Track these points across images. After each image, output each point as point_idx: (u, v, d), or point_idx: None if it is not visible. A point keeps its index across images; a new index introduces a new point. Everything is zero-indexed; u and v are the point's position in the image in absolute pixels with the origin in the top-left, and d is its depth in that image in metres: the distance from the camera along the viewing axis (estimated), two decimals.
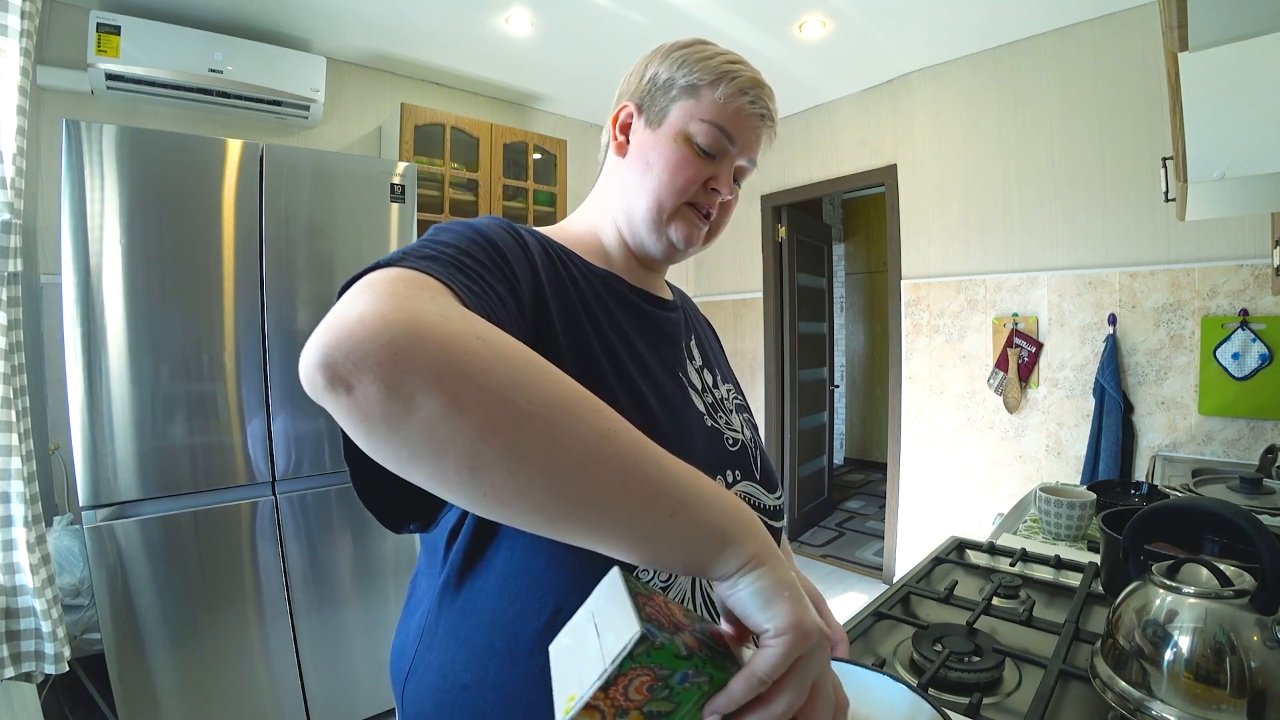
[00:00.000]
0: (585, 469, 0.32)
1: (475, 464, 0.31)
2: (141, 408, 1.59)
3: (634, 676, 0.31)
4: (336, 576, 1.92)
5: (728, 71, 0.61)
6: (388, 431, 0.31)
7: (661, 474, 0.35)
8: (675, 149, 0.61)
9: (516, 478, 0.32)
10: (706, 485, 0.37)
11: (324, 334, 0.31)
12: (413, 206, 2.07)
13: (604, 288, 0.61)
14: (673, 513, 0.34)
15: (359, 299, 0.33)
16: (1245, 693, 0.52)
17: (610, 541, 0.34)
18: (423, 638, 0.56)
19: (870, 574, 3.20)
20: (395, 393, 0.30)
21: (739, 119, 0.61)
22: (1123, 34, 2.22)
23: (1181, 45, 0.85)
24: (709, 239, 0.66)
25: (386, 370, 0.30)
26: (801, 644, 0.33)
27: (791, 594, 0.35)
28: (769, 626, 0.34)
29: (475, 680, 0.51)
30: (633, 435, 0.35)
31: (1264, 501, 1.15)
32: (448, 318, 0.33)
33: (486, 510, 0.34)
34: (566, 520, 0.34)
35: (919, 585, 1.00)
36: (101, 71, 1.97)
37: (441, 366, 0.31)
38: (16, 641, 1.38)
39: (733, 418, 0.67)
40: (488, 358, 0.32)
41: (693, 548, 0.35)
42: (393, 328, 0.31)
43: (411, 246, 0.44)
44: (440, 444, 0.31)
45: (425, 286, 0.36)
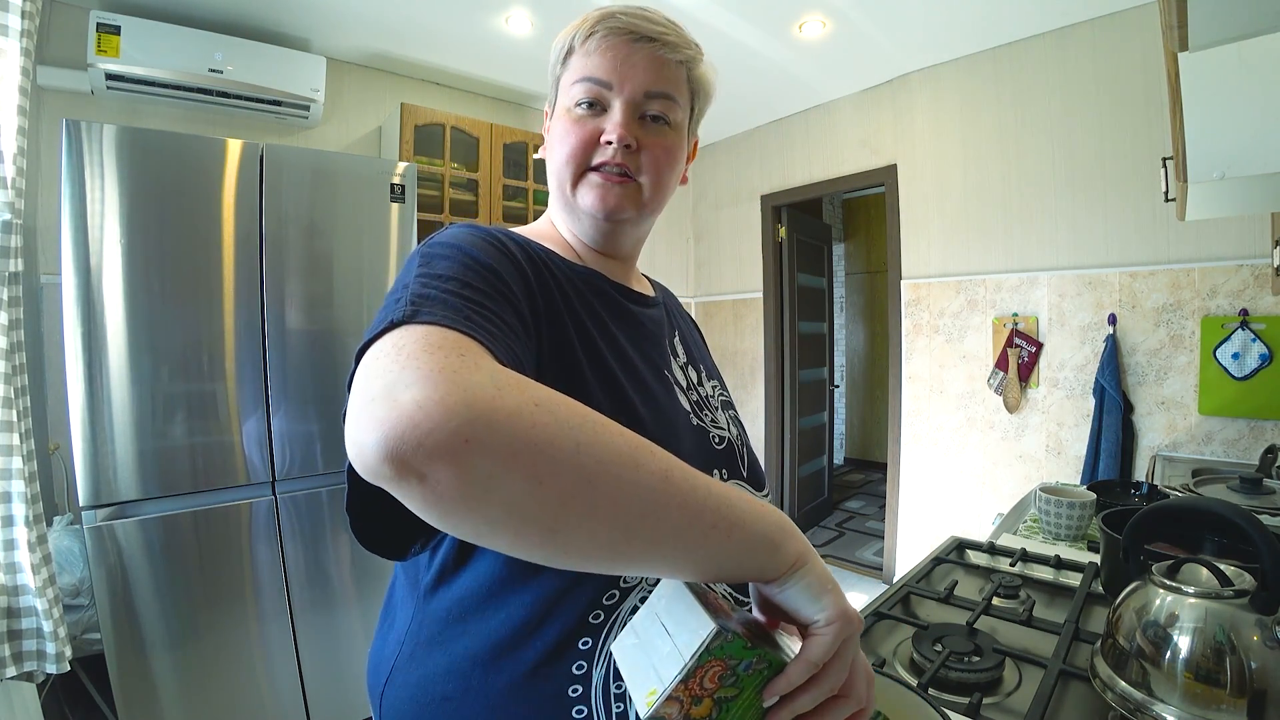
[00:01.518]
0: (654, 513, 0.34)
1: (556, 528, 0.33)
2: (141, 408, 1.59)
3: (709, 668, 0.35)
4: (336, 576, 1.92)
5: (583, 21, 0.58)
6: (466, 512, 0.32)
7: (714, 501, 0.37)
8: (560, 123, 0.59)
9: (595, 535, 0.33)
10: (750, 501, 0.39)
11: (382, 424, 0.30)
12: (413, 206, 2.07)
13: (585, 286, 0.59)
14: (729, 534, 0.37)
15: (405, 380, 0.32)
16: (1245, 693, 0.52)
17: (676, 568, 0.37)
18: (402, 648, 0.55)
19: (870, 574, 3.20)
20: (472, 477, 0.30)
21: (601, 58, 0.57)
22: (1123, 34, 2.22)
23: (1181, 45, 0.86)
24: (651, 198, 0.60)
25: (461, 458, 0.30)
26: (846, 629, 0.38)
27: (834, 587, 0.39)
28: (819, 617, 0.38)
29: (458, 691, 0.50)
30: (684, 470, 0.37)
31: (1264, 501, 1.15)
32: (502, 389, 0.33)
33: (560, 564, 0.35)
34: (637, 560, 0.36)
35: (919, 585, 1.00)
36: (101, 71, 1.97)
37: (515, 445, 0.31)
38: (18, 641, 1.38)
39: (719, 415, 0.66)
40: (551, 425, 0.32)
41: (749, 560, 0.38)
42: (457, 415, 0.30)
43: (415, 287, 0.42)
44: (522, 517, 0.32)
45: (462, 350, 0.36)
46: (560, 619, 0.49)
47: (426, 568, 0.54)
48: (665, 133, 0.59)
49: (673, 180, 0.62)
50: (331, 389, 1.88)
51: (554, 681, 0.49)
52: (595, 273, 0.61)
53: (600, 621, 0.50)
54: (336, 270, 1.91)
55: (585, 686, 0.49)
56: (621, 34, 0.56)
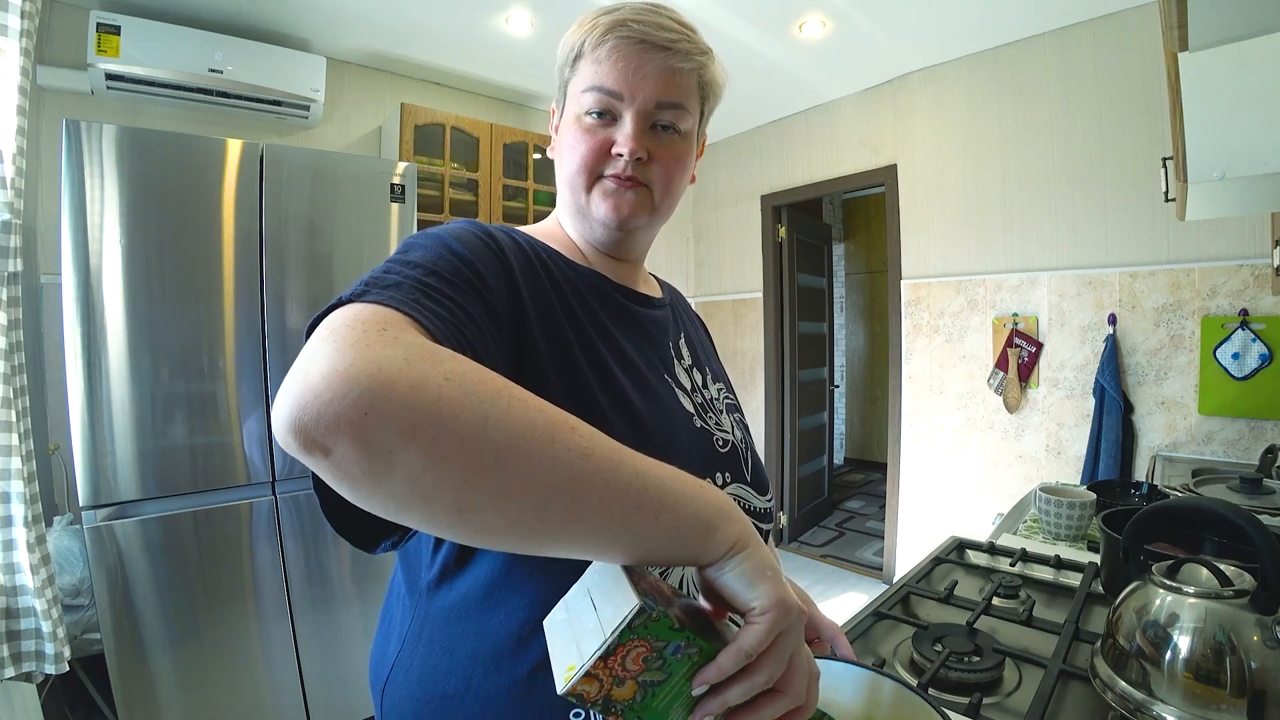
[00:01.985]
0: (568, 492, 0.33)
1: (462, 505, 0.32)
2: (141, 408, 1.59)
3: (631, 647, 0.33)
4: (336, 576, 1.92)
5: (591, 26, 0.57)
6: (371, 486, 0.31)
7: (641, 481, 0.35)
8: (570, 131, 0.58)
9: (504, 512, 0.32)
10: (685, 481, 0.38)
11: (290, 396, 0.31)
12: (413, 206, 2.07)
13: (587, 287, 0.59)
14: (656, 515, 0.35)
15: (320, 352, 0.32)
16: (1245, 693, 0.52)
17: (600, 551, 0.36)
18: (404, 646, 0.55)
19: (870, 574, 3.20)
20: (372, 451, 0.30)
21: (613, 67, 0.55)
22: (1123, 34, 2.22)
23: (1181, 45, 0.85)
24: (662, 205, 0.60)
25: (359, 430, 0.29)
26: (783, 620, 0.35)
27: (773, 574, 0.37)
28: (755, 605, 0.36)
29: (458, 690, 0.50)
30: (610, 448, 0.35)
31: (1264, 501, 1.15)
32: (411, 361, 0.32)
33: (479, 543, 0.34)
34: (556, 541, 0.34)
35: (919, 585, 1.00)
36: (101, 71, 1.97)
37: (414, 417, 0.30)
38: (17, 641, 1.37)
39: (723, 418, 0.65)
40: (458, 398, 0.31)
41: (680, 543, 0.36)
42: (357, 384, 0.30)
43: (378, 270, 0.43)
44: (426, 493, 0.31)
45: (387, 324, 0.35)
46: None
47: (427, 567, 0.54)
48: (675, 141, 0.59)
49: (683, 185, 0.62)
50: None
51: (552, 682, 0.49)
52: (598, 275, 0.61)
53: None
54: (336, 270, 1.91)
55: None
56: (633, 43, 0.55)
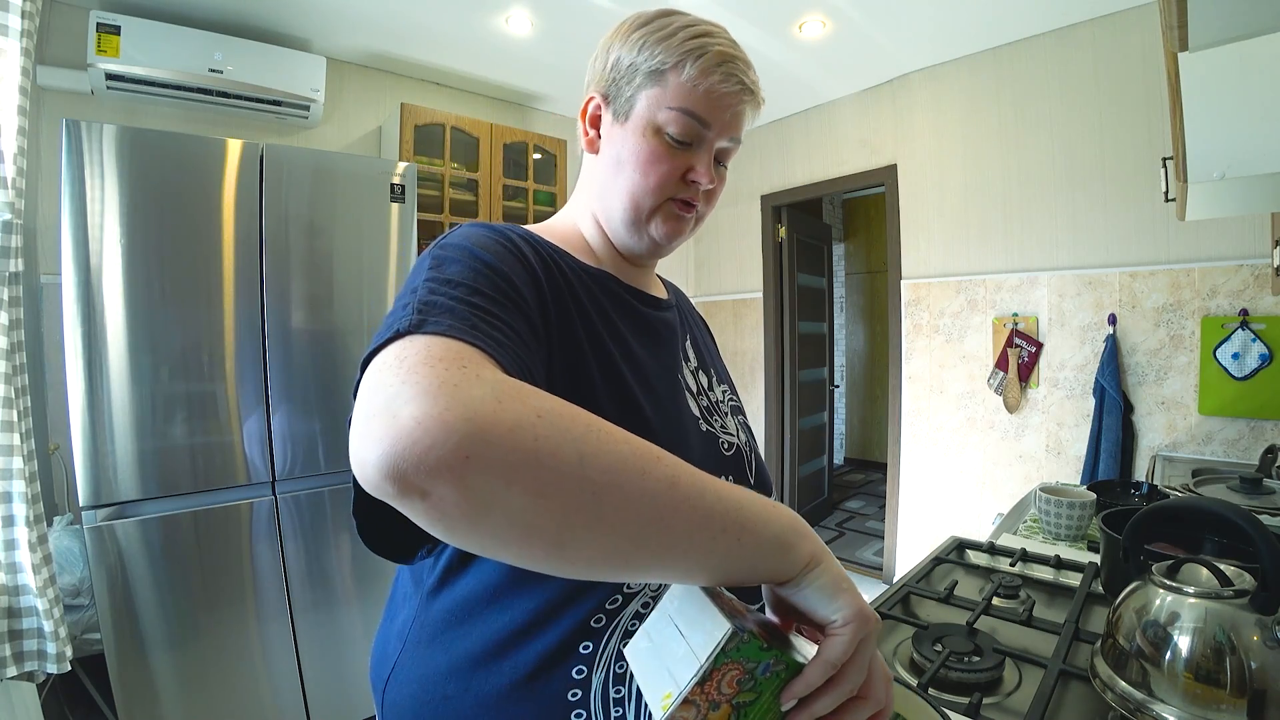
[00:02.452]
0: (662, 521, 0.34)
1: (563, 541, 0.32)
2: (141, 408, 1.59)
3: (726, 671, 0.33)
4: (336, 576, 1.92)
5: (693, 49, 0.56)
6: (469, 527, 0.31)
7: (723, 505, 0.36)
8: (645, 144, 0.57)
9: (602, 546, 0.33)
10: (760, 502, 0.39)
11: (383, 441, 0.30)
12: (413, 206, 2.07)
13: (597, 287, 0.58)
14: (739, 537, 0.36)
15: (403, 394, 0.32)
16: (1245, 693, 0.52)
17: (688, 574, 0.37)
18: (405, 645, 0.55)
19: (870, 574, 3.20)
20: (474, 494, 0.30)
21: (711, 100, 0.56)
22: (1123, 34, 2.22)
23: (1181, 45, 0.85)
24: (695, 228, 0.63)
25: (460, 475, 0.30)
26: (864, 629, 0.37)
27: (850, 587, 0.39)
28: (836, 618, 0.37)
29: (459, 691, 0.50)
30: (691, 475, 0.36)
31: (1264, 501, 1.15)
32: (503, 401, 0.32)
33: (573, 574, 0.35)
34: (649, 568, 0.35)
35: (919, 585, 1.00)
36: (101, 71, 1.97)
37: (515, 460, 0.30)
38: (19, 641, 1.38)
39: (728, 421, 0.66)
40: (554, 437, 0.32)
41: (761, 563, 0.37)
42: (456, 431, 0.30)
43: (422, 293, 0.42)
44: (527, 531, 0.32)
45: (465, 361, 0.35)
46: (562, 623, 0.49)
47: (430, 568, 0.54)
48: (723, 173, 0.62)
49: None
50: (332, 388, 1.88)
51: (554, 684, 0.49)
52: (608, 274, 0.61)
53: (602, 626, 0.50)
54: (336, 270, 1.91)
55: (585, 690, 0.49)
56: (736, 83, 0.57)
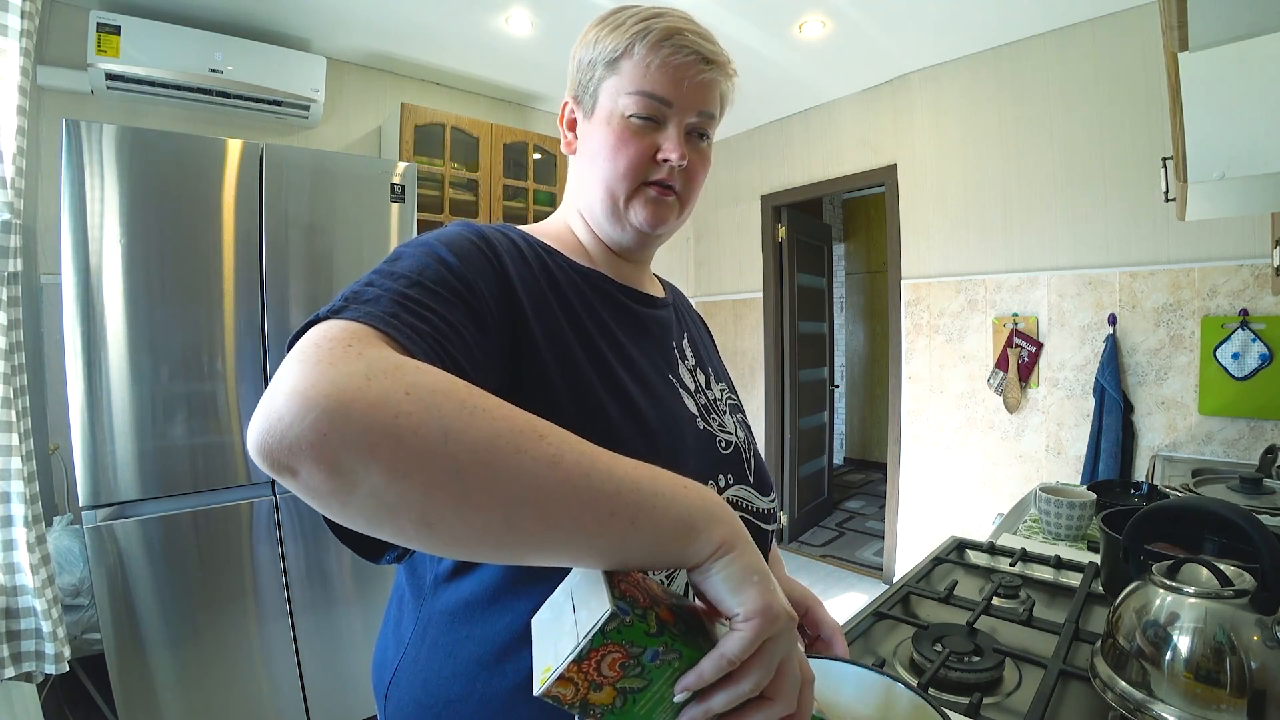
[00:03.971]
0: (535, 502, 0.32)
1: (429, 519, 0.31)
2: (141, 408, 1.59)
3: (606, 652, 0.32)
4: (336, 576, 1.92)
5: (639, 31, 0.57)
6: (340, 505, 0.31)
7: (615, 485, 0.34)
8: (611, 132, 0.58)
9: (471, 525, 0.32)
10: (665, 482, 0.37)
11: (258, 417, 0.31)
12: (413, 206, 2.07)
13: (589, 287, 0.59)
14: (633, 520, 0.34)
15: (286, 373, 0.32)
16: (1245, 693, 0.52)
17: (577, 558, 0.35)
18: (407, 650, 0.55)
19: (870, 574, 3.20)
20: (335, 470, 0.30)
21: (665, 75, 0.56)
22: (1123, 34, 2.22)
23: (1181, 45, 0.85)
24: (683, 211, 0.63)
25: (320, 451, 0.30)
26: (769, 627, 0.34)
27: (760, 578, 0.36)
28: (739, 611, 0.35)
29: (462, 694, 0.50)
30: (581, 453, 0.35)
31: (1264, 501, 1.15)
32: (372, 377, 0.32)
33: (452, 555, 0.34)
34: (529, 551, 0.34)
35: (919, 585, 1.00)
36: (101, 71, 1.97)
37: (373, 436, 0.30)
38: (17, 641, 1.37)
39: (726, 419, 0.65)
40: (418, 413, 0.31)
41: (660, 547, 0.35)
42: (316, 405, 0.30)
43: (360, 282, 0.43)
44: (391, 508, 0.31)
45: (356, 340, 0.35)
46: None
47: (431, 570, 0.54)
48: (703, 148, 0.62)
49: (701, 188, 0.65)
50: None
51: None
52: (600, 274, 0.61)
53: None
54: (336, 270, 1.91)
55: None
56: (687, 54, 0.56)
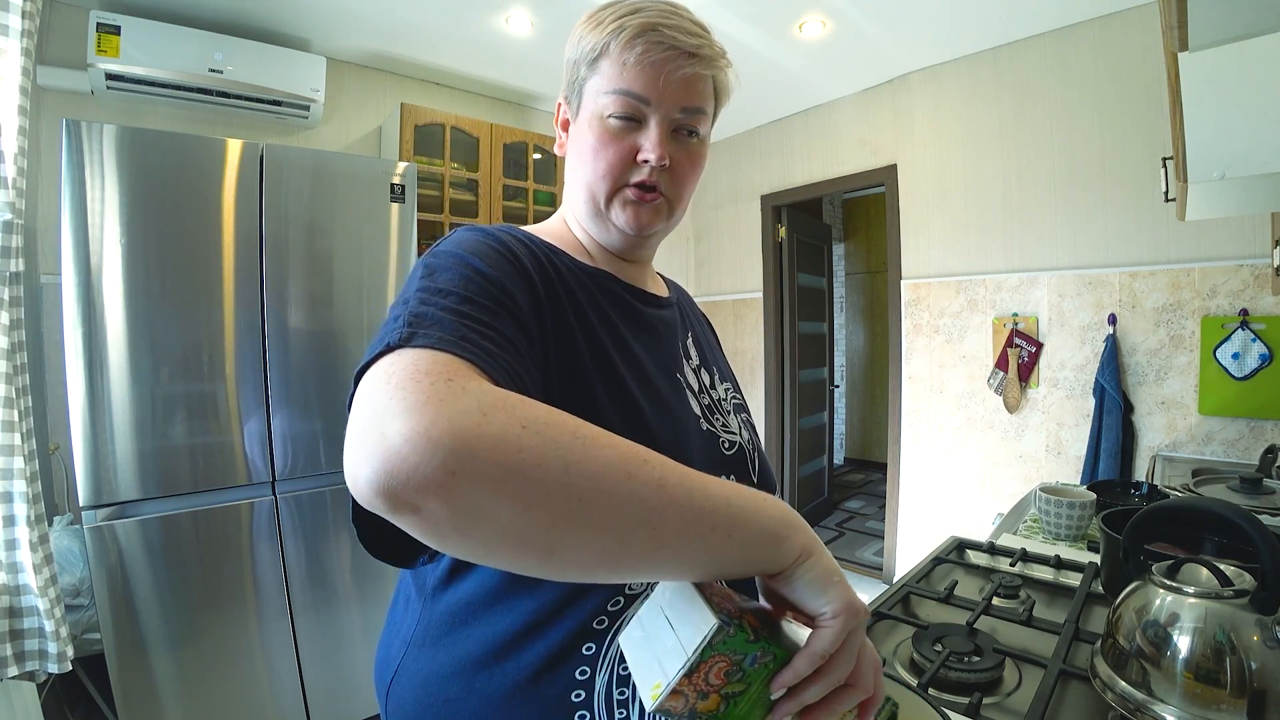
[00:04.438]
0: (649, 523, 0.34)
1: (552, 547, 0.33)
2: (141, 408, 1.59)
3: (713, 663, 0.35)
4: (336, 576, 1.92)
5: (615, 28, 0.55)
6: (462, 538, 0.32)
7: (711, 502, 0.36)
8: (592, 133, 0.57)
9: (591, 550, 0.34)
10: (748, 497, 0.39)
11: (372, 459, 0.31)
12: (413, 206, 2.07)
13: (595, 286, 0.58)
14: (729, 533, 0.37)
15: (391, 410, 0.32)
16: (1245, 693, 0.52)
17: (680, 572, 0.37)
18: (408, 647, 0.55)
19: (870, 574, 3.20)
20: (463, 507, 0.31)
21: (642, 72, 0.55)
22: (1123, 34, 2.22)
23: (1181, 45, 0.85)
24: (676, 210, 0.61)
25: (448, 491, 0.30)
26: (853, 621, 0.38)
27: (840, 579, 0.39)
28: (826, 610, 0.38)
29: (461, 693, 0.50)
30: (680, 475, 0.36)
31: (1264, 501, 1.15)
32: (487, 413, 0.33)
33: (565, 577, 0.36)
34: (639, 568, 0.36)
35: (919, 585, 1.00)
36: (101, 71, 1.97)
37: (501, 473, 0.31)
38: (20, 641, 1.38)
39: (730, 419, 0.65)
40: (539, 447, 0.32)
41: (752, 557, 0.38)
42: (442, 446, 0.31)
43: (414, 304, 0.42)
44: (517, 540, 0.32)
45: (453, 374, 0.35)
46: (564, 624, 0.49)
47: (432, 569, 0.54)
48: (694, 146, 0.60)
49: (695, 187, 0.63)
50: (332, 389, 1.88)
51: (557, 686, 0.49)
52: (605, 273, 0.61)
53: (604, 627, 0.50)
54: (336, 270, 1.91)
55: (588, 691, 0.49)
56: (664, 49, 0.55)
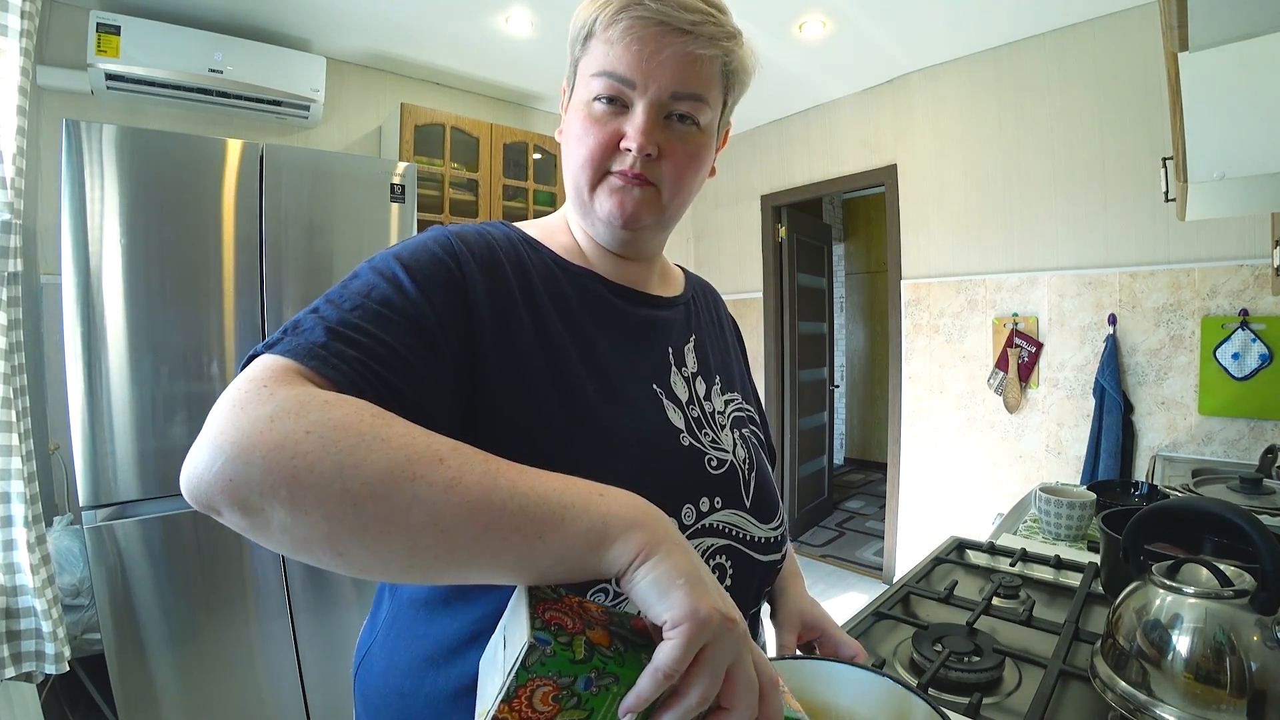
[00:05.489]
0: (435, 526, 0.33)
1: (339, 549, 0.33)
2: (141, 408, 1.59)
3: (535, 687, 0.30)
4: (335, 576, 1.92)
5: (600, 5, 0.52)
6: (262, 538, 0.34)
7: (518, 500, 0.34)
8: (577, 118, 0.54)
9: (377, 553, 0.33)
10: (579, 492, 0.36)
11: (186, 462, 0.34)
12: (413, 206, 2.06)
13: (570, 285, 0.56)
14: (540, 534, 0.34)
15: (212, 417, 0.35)
16: (1245, 693, 0.52)
17: (489, 576, 0.35)
18: (378, 635, 0.56)
19: (870, 574, 3.20)
20: (246, 510, 0.32)
21: (626, 52, 0.50)
22: (1123, 34, 2.22)
23: (1181, 45, 0.85)
24: (671, 204, 0.56)
25: (229, 496, 0.32)
26: (701, 632, 0.31)
27: (688, 581, 0.33)
28: (666, 618, 0.32)
29: (412, 689, 0.50)
30: (484, 472, 0.34)
31: (1264, 501, 1.15)
32: (276, 419, 0.34)
33: (372, 577, 0.36)
34: (440, 574, 0.35)
35: (919, 585, 1.00)
36: (101, 71, 1.97)
37: (271, 478, 0.32)
38: (17, 641, 1.37)
39: (723, 434, 0.60)
40: (315, 452, 0.32)
41: (573, 558, 0.34)
42: (222, 452, 0.33)
43: (307, 309, 0.45)
44: (303, 541, 0.33)
45: (272, 380, 0.37)
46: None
47: None
48: (691, 135, 0.54)
49: (697, 183, 0.57)
50: None
51: None
52: (591, 275, 0.58)
53: None
54: (336, 270, 1.91)
55: None
56: (650, 24, 0.50)
